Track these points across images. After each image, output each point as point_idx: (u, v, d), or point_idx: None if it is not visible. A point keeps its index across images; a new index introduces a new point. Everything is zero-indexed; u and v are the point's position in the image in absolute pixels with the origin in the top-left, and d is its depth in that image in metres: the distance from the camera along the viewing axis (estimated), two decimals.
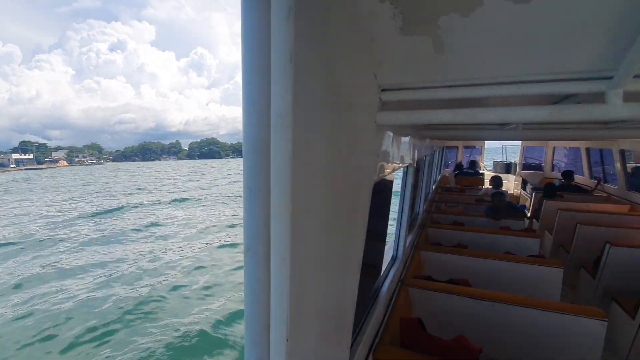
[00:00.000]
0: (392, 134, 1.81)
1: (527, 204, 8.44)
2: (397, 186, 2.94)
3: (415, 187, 4.64)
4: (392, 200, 2.49)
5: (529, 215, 7.59)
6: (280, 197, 0.74)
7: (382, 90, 1.37)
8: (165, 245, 13.22)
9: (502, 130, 3.00)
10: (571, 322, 2.27)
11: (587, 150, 8.52)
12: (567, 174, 7.78)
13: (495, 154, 15.66)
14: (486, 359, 2.31)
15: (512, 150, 13.60)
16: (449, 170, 10.95)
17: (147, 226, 16.87)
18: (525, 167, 11.05)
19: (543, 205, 6.49)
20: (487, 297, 2.45)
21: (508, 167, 11.33)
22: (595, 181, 7.85)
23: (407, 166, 2.82)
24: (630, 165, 6.89)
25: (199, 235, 14.78)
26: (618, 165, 6.87)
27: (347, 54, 1.04)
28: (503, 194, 5.10)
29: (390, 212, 2.51)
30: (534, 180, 9.85)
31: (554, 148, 10.19)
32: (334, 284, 1.13)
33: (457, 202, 6.36)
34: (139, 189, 36.77)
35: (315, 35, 0.79)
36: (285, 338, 0.79)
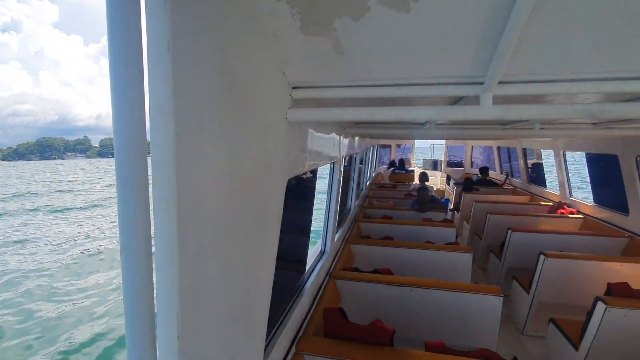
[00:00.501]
0: (310, 131, 1.87)
1: (451, 198, 9.28)
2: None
3: (346, 183, 4.82)
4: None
5: (451, 207, 8.38)
6: (163, 193, 0.72)
7: (293, 87, 1.41)
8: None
9: (416, 129, 3.27)
10: (474, 299, 2.57)
11: (498, 148, 9.66)
12: (483, 170, 8.73)
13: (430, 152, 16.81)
14: (405, 338, 2.50)
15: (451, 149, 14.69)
16: (384, 168, 11.57)
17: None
18: (449, 164, 12.16)
19: (462, 198, 7.22)
20: (406, 282, 2.66)
21: (435, 165, 12.35)
22: (505, 176, 8.94)
23: (332, 163, 2.92)
24: (530, 162, 7.98)
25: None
26: (521, 162, 7.90)
27: (250, 49, 1.05)
28: (427, 188, 5.55)
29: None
30: (457, 176, 10.87)
31: (472, 147, 11.37)
32: (242, 279, 1.13)
33: (388, 198, 6.76)
34: None
35: (204, 28, 0.79)
36: (176, 335, 0.78)
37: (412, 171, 10.71)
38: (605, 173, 4.84)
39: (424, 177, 7.53)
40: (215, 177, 0.91)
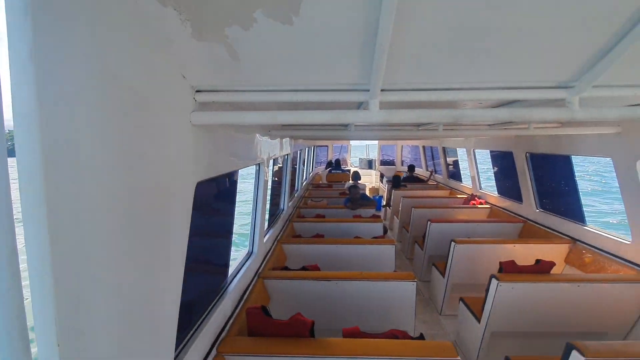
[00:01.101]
0: (224, 134, 1.88)
1: (384, 194, 9.86)
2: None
3: (279, 184, 4.88)
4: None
5: (384, 203, 8.92)
6: (30, 198, 0.71)
7: (197, 91, 1.42)
8: None
9: (340, 131, 3.47)
10: (392, 286, 2.80)
11: (424, 148, 10.51)
12: (410, 168, 9.44)
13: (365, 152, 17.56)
14: (331, 330, 2.63)
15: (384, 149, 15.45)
16: (321, 168, 11.86)
17: None
18: (383, 163, 12.92)
19: (392, 195, 7.73)
20: (331, 277, 2.80)
21: (370, 164, 13.01)
22: (429, 172, 9.76)
23: (257, 165, 2.96)
24: (451, 159, 8.84)
25: None
26: (442, 160, 8.71)
27: (140, 53, 1.05)
28: (358, 186, 5.86)
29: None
30: (389, 174, 11.60)
31: (402, 146, 12.23)
32: (142, 283, 1.12)
33: (322, 197, 6.97)
34: None
35: (75, 34, 0.78)
36: (55, 343, 0.76)
37: (349, 171, 11.16)
38: (505, 168, 5.58)
39: (356, 176, 7.91)
40: (101, 180, 0.90)
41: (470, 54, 1.20)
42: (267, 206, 4.30)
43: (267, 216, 3.97)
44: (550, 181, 4.61)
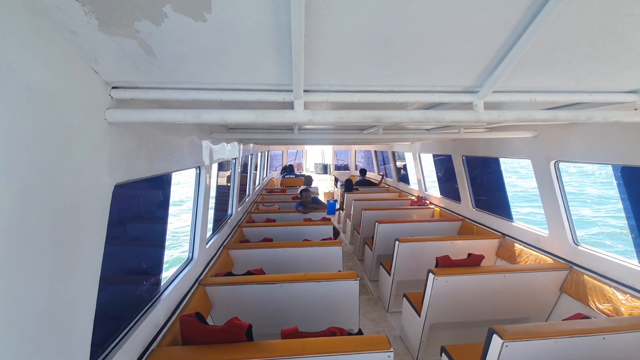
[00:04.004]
0: (150, 134, 1.80)
1: (339, 198, 10.03)
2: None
3: (227, 188, 4.77)
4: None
5: (338, 206, 9.08)
6: None
7: (113, 87, 1.35)
8: None
9: (286, 134, 3.49)
10: (336, 286, 2.84)
11: (376, 152, 10.89)
12: (362, 172, 9.71)
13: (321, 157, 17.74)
14: (274, 334, 2.61)
15: (338, 154, 15.69)
16: (276, 173, 11.80)
17: None
18: (337, 167, 13.17)
19: (345, 198, 7.89)
20: (275, 280, 2.78)
21: (325, 168, 13.19)
22: (380, 176, 10.12)
23: (198, 168, 2.87)
24: (401, 163, 9.24)
25: None
26: (392, 163, 9.09)
27: (40, 46, 0.98)
28: (309, 190, 5.91)
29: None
30: (344, 178, 11.84)
31: (355, 151, 12.57)
32: (43, 290, 1.03)
33: (274, 202, 6.93)
34: None
35: None
36: None
37: (303, 175, 11.22)
38: (447, 170, 5.96)
39: (308, 180, 7.98)
40: None
41: (387, 58, 1.27)
42: (212, 211, 4.18)
43: (212, 221, 3.85)
44: (483, 182, 5.00)
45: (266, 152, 9.22)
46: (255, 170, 7.75)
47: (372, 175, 11.36)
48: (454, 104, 1.72)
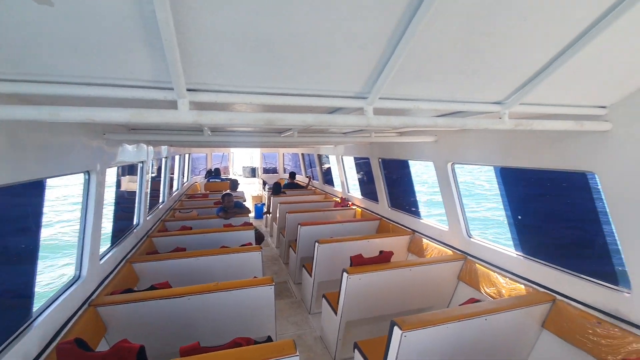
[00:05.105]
0: (10, 133, 1.53)
1: (266, 202, 9.89)
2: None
3: (131, 195, 4.33)
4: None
5: (265, 210, 8.93)
6: None
7: None
8: None
9: (195, 136, 3.30)
10: (251, 293, 2.75)
11: (303, 155, 11.01)
12: (291, 175, 9.73)
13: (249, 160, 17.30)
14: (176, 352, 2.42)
15: (267, 157, 15.38)
16: (200, 177, 11.17)
17: None
18: (266, 171, 13.00)
19: (272, 201, 7.80)
20: (181, 293, 2.58)
21: (254, 172, 12.90)
22: (308, 179, 10.26)
23: (87, 173, 2.53)
24: (327, 166, 9.47)
25: None
26: (318, 166, 9.27)
27: None
28: (231, 194, 5.69)
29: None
30: (273, 182, 11.73)
31: (284, 154, 12.56)
32: None
33: (196, 207, 6.54)
34: None
35: None
36: None
37: (229, 179, 10.82)
38: (367, 173, 6.27)
39: (233, 184, 7.71)
40: None
41: (274, 61, 1.25)
42: (111, 222, 3.75)
43: (110, 233, 3.46)
44: (397, 183, 5.38)
45: (186, 155, 8.65)
46: (173, 174, 7.22)
47: (301, 178, 11.46)
48: (351, 109, 1.79)
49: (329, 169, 9.44)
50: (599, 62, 1.53)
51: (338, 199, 7.37)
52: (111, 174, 3.76)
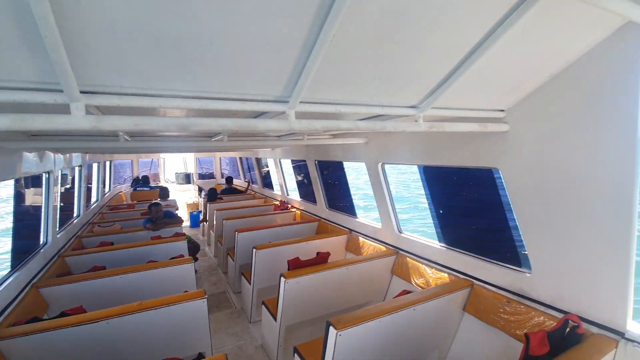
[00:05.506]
0: None
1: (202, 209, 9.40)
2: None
3: (36, 210, 3.79)
4: None
5: (201, 218, 8.48)
6: None
7: None
8: None
9: (112, 142, 2.99)
10: (183, 309, 2.57)
11: (240, 159, 10.70)
12: (228, 180, 9.38)
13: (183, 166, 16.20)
14: None
15: (203, 162, 14.52)
16: (125, 186, 10.20)
17: None
18: (202, 176, 12.37)
19: (208, 208, 7.43)
20: (98, 317, 2.30)
21: (188, 178, 12.17)
22: (247, 183, 10.00)
23: None
24: (265, 170, 9.31)
25: None
26: (256, 170, 9.09)
27: None
28: (159, 204, 5.28)
29: None
30: (209, 187, 11.19)
31: (220, 158, 12.07)
32: None
33: (119, 220, 5.95)
34: None
35: None
36: None
37: (159, 187, 10.06)
38: (304, 175, 6.30)
39: (163, 192, 7.18)
40: None
41: (183, 62, 1.17)
42: (10, 240, 3.25)
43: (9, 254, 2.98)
44: (333, 184, 5.50)
45: (106, 163, 7.83)
46: (90, 184, 6.48)
47: (240, 183, 11.12)
48: (275, 113, 1.76)
49: (267, 172, 9.31)
50: (495, 70, 1.72)
51: (277, 203, 7.29)
52: (8, 187, 3.24)
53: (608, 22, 1.55)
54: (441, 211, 3.51)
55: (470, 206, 3.31)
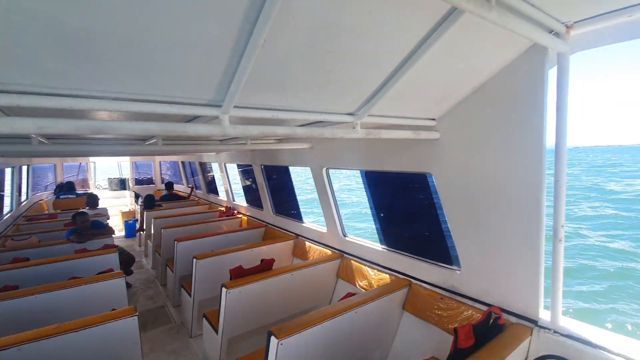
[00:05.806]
0: None
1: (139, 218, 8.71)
2: None
3: None
4: None
5: (137, 227, 7.84)
6: None
7: None
8: None
9: (22, 145, 2.63)
10: (111, 329, 2.33)
11: (183, 163, 10.13)
12: (168, 185, 8.80)
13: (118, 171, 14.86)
14: None
15: (140, 166, 13.43)
16: (47, 194, 9.08)
17: None
18: (139, 182, 11.48)
19: (145, 217, 6.89)
20: (8, 344, 2.00)
21: (123, 184, 11.21)
22: (190, 189, 9.49)
23: None
24: (210, 174, 8.92)
25: None
26: (200, 175, 8.67)
27: None
28: (85, 213, 4.76)
29: None
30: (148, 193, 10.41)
31: (160, 162, 11.32)
32: None
33: (39, 232, 5.27)
34: None
35: None
36: None
37: (87, 194, 9.13)
38: (251, 179, 6.15)
39: (91, 200, 6.53)
40: None
41: (97, 61, 1.07)
42: None
43: None
44: (279, 190, 5.44)
45: (23, 167, 6.90)
46: (2, 192, 5.66)
47: (181, 188, 10.52)
48: (208, 117, 1.69)
49: (212, 177, 8.93)
50: (425, 81, 1.83)
51: (223, 209, 7.02)
52: None
53: (517, 43, 1.73)
54: (382, 214, 3.65)
55: (409, 209, 3.49)
